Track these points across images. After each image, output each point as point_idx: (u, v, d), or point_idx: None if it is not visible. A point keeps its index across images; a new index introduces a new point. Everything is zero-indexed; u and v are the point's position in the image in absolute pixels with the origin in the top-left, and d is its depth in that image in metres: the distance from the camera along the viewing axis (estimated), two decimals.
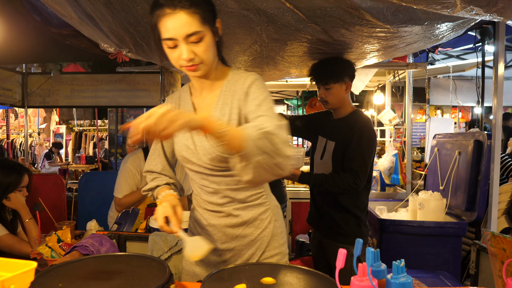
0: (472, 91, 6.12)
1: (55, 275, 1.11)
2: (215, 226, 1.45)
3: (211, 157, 1.33)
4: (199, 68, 1.28)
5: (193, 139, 1.37)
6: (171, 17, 1.18)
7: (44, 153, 9.87)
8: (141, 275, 1.09)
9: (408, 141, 4.34)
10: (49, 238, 1.94)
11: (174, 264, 1.78)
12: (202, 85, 1.41)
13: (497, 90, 2.66)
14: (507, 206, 3.59)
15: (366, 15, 1.68)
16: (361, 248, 0.87)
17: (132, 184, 2.61)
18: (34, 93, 5.11)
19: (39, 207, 2.29)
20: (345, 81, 2.26)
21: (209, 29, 1.24)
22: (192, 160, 1.38)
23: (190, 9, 1.18)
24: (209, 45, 1.25)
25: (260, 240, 1.46)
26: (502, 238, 1.02)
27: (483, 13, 1.54)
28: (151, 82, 4.95)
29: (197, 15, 1.19)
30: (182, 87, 1.55)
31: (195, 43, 1.22)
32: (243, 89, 1.35)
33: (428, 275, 2.52)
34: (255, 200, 1.45)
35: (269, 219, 1.48)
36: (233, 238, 1.45)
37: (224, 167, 1.34)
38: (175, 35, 1.20)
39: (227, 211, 1.43)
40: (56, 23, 2.74)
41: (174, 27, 1.18)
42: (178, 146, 1.42)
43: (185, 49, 1.21)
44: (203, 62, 1.26)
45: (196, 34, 1.20)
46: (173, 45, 1.22)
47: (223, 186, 1.40)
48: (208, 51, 1.26)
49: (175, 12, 1.17)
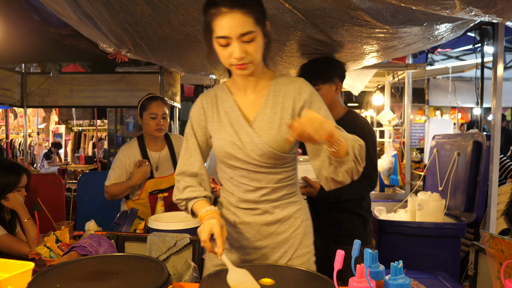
0: (471, 92, 6.13)
1: (53, 275, 1.11)
2: (249, 223, 1.47)
3: (261, 152, 1.36)
4: (248, 67, 1.32)
5: (239, 135, 1.40)
6: (227, 16, 1.23)
7: (43, 153, 9.86)
8: (139, 276, 1.09)
9: (407, 142, 4.34)
10: (48, 238, 1.94)
11: (173, 265, 1.78)
12: (248, 84, 1.45)
13: (496, 91, 2.66)
14: (506, 207, 3.59)
15: (365, 16, 1.68)
16: (359, 249, 0.87)
17: (120, 173, 2.59)
18: (33, 93, 5.10)
19: (38, 207, 2.29)
20: (334, 82, 2.20)
21: (260, 30, 1.30)
22: (238, 156, 1.40)
23: (245, 9, 1.23)
24: (259, 45, 1.30)
25: (294, 238, 1.47)
26: (501, 239, 1.02)
27: (482, 14, 1.54)
28: (150, 82, 4.94)
29: (252, 15, 1.24)
30: (217, 86, 1.56)
31: (247, 42, 1.27)
32: (298, 93, 1.41)
33: (426, 276, 2.52)
34: (290, 198, 1.48)
35: (302, 218, 1.51)
36: (266, 236, 1.47)
37: (271, 164, 1.39)
38: (229, 34, 1.24)
39: (263, 208, 1.45)
40: (55, 23, 2.74)
41: (229, 26, 1.23)
42: (221, 142, 1.43)
43: (237, 47, 1.26)
44: (252, 62, 1.31)
45: (250, 33, 1.25)
46: (225, 43, 1.27)
47: (264, 184, 1.43)
48: (258, 51, 1.31)
49: (231, 11, 1.23)
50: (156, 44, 2.31)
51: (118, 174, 2.59)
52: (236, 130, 1.41)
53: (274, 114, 1.40)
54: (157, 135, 2.59)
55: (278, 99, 1.42)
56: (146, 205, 2.61)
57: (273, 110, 1.40)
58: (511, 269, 0.98)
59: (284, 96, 1.42)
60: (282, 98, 1.42)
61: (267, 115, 1.40)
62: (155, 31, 2.06)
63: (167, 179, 2.63)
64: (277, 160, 1.39)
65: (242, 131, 1.40)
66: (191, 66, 2.93)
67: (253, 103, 1.44)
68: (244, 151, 1.38)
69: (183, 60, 2.73)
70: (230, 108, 1.45)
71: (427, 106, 6.51)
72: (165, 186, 2.63)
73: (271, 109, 1.41)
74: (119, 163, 2.61)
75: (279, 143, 1.37)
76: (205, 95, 1.53)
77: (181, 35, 2.10)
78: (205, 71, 3.11)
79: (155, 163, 2.63)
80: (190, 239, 1.72)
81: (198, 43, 2.20)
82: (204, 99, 1.51)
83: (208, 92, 1.55)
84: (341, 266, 0.83)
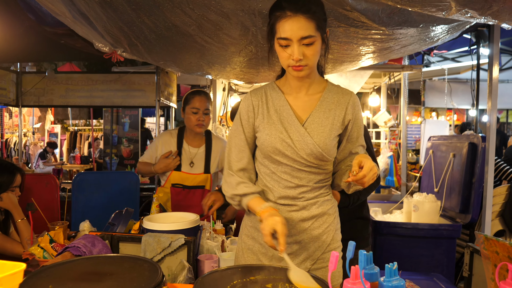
0: (467, 94, 6.15)
1: (45, 276, 1.10)
2: (286, 219, 1.50)
3: (310, 152, 1.43)
4: (304, 69, 1.39)
5: (289, 133, 1.46)
6: (291, 19, 1.31)
7: (38, 153, 9.80)
8: (132, 277, 1.08)
9: (403, 143, 4.35)
10: (42, 238, 1.92)
11: (168, 266, 1.77)
12: (301, 86, 1.51)
13: (492, 93, 2.67)
14: (501, 208, 3.60)
15: (361, 17, 1.68)
16: (353, 251, 0.86)
17: (151, 155, 2.64)
18: (29, 92, 5.08)
19: (32, 207, 2.27)
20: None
21: (320, 36, 1.37)
22: (286, 153, 1.46)
23: (308, 14, 1.31)
24: (317, 50, 1.37)
25: (327, 233, 1.54)
26: (495, 241, 1.02)
27: (478, 16, 1.54)
28: (146, 82, 4.93)
29: (314, 21, 1.32)
30: (266, 85, 1.60)
31: (307, 45, 1.34)
32: (351, 106, 1.51)
33: (422, 277, 2.52)
34: (325, 197, 1.55)
35: (335, 215, 1.59)
36: (301, 231, 1.52)
37: (316, 164, 1.47)
38: (291, 36, 1.32)
39: (301, 205, 1.51)
40: (51, 22, 2.73)
41: (292, 28, 1.32)
42: (271, 137, 1.47)
43: (297, 49, 1.33)
44: (308, 64, 1.38)
45: (310, 37, 1.33)
46: (285, 44, 1.35)
47: (305, 182, 1.49)
48: (316, 55, 1.38)
49: (295, 15, 1.31)
50: (152, 44, 2.30)
51: (149, 155, 2.63)
52: (286, 128, 1.47)
53: (326, 119, 1.47)
54: (197, 130, 2.53)
55: (331, 106, 1.49)
56: (168, 196, 2.58)
57: (325, 114, 1.48)
58: (505, 271, 0.98)
59: (337, 105, 1.50)
60: (334, 105, 1.50)
61: (320, 118, 1.47)
62: (150, 30, 2.05)
63: (193, 177, 2.56)
64: (321, 161, 1.46)
65: (293, 130, 1.46)
66: (187, 66, 2.92)
67: (305, 105, 1.51)
68: (294, 149, 1.45)
69: (179, 60, 2.72)
70: (281, 106, 1.51)
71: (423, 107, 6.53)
72: (190, 183, 2.56)
73: (323, 113, 1.48)
74: (153, 147, 2.64)
75: (328, 146, 1.45)
76: (254, 92, 1.59)
77: (177, 35, 2.10)
78: (201, 71, 3.10)
79: (190, 158, 2.59)
80: (185, 239, 1.71)
81: (194, 43, 2.19)
82: (253, 96, 1.56)
83: (257, 90, 1.60)
84: (335, 268, 0.82)
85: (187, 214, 2.15)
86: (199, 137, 2.62)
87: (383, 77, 5.24)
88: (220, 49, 2.28)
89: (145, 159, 2.64)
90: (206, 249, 2.02)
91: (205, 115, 2.50)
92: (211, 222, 2.15)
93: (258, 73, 2.92)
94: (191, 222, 1.90)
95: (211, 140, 2.64)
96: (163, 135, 2.66)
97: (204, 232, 2.04)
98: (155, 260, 1.70)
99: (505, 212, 3.59)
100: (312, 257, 1.52)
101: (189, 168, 2.57)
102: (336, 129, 1.48)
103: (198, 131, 2.55)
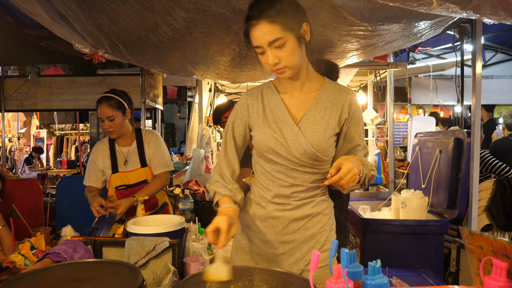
0: (452, 90, 6.20)
1: (21, 284, 1.06)
2: (279, 218, 1.52)
3: (304, 152, 1.42)
4: (285, 71, 1.39)
5: (283, 133, 1.46)
6: (256, 27, 1.32)
7: (24, 158, 9.66)
8: (111, 282, 1.05)
9: (390, 140, 4.36)
10: (22, 245, 1.88)
11: (153, 269, 1.73)
12: (294, 86, 1.50)
13: (476, 89, 2.68)
14: (488, 203, 3.63)
15: (343, 13, 1.67)
16: (336, 249, 0.84)
17: (91, 169, 2.64)
18: (11, 97, 5.00)
19: (14, 214, 2.22)
20: None
21: (292, 34, 1.33)
22: (280, 152, 1.45)
23: (271, 19, 1.30)
24: (292, 49, 1.35)
25: (321, 234, 1.53)
26: (479, 235, 1.01)
27: (459, 10, 1.54)
28: (132, 84, 4.88)
29: (278, 23, 1.30)
30: (263, 84, 1.60)
31: (279, 48, 1.33)
32: (348, 105, 1.49)
33: (411, 274, 2.52)
34: (321, 197, 1.54)
35: (330, 215, 1.57)
36: (295, 230, 1.52)
37: (310, 164, 1.45)
38: (260, 43, 1.34)
39: (294, 204, 1.50)
40: (30, 24, 2.67)
41: (259, 36, 1.33)
42: (265, 136, 1.47)
43: (270, 54, 1.34)
44: (288, 66, 1.37)
45: (278, 40, 1.31)
46: (261, 51, 1.37)
47: (299, 182, 1.48)
48: (292, 55, 1.36)
49: (259, 22, 1.31)
50: (133, 45, 2.27)
51: (89, 171, 2.63)
52: (280, 127, 1.47)
53: (321, 118, 1.46)
54: (112, 136, 2.58)
55: (327, 104, 1.48)
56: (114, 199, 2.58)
57: (320, 113, 1.47)
58: (490, 265, 0.97)
59: (334, 103, 1.48)
60: (331, 104, 1.48)
61: (314, 117, 1.46)
62: (131, 31, 2.02)
63: (134, 173, 2.59)
64: (316, 161, 1.45)
65: (287, 129, 1.46)
66: (170, 67, 2.89)
67: (300, 104, 1.50)
68: (287, 148, 1.44)
69: (161, 60, 2.68)
70: (276, 106, 1.51)
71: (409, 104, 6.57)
72: (134, 181, 2.58)
73: (319, 112, 1.47)
74: (91, 161, 2.65)
75: (322, 146, 1.43)
76: (250, 91, 1.60)
77: (159, 35, 2.06)
78: (185, 72, 3.06)
79: (124, 158, 2.62)
80: (169, 242, 1.68)
81: (176, 42, 2.16)
82: (249, 96, 1.57)
83: (253, 89, 1.60)
84: (317, 267, 0.80)
85: (172, 216, 2.12)
86: (127, 136, 2.64)
87: (369, 75, 5.26)
88: (202, 48, 2.25)
89: (88, 179, 2.64)
90: (192, 252, 1.99)
91: (111, 121, 2.49)
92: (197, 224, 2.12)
93: (242, 72, 2.89)
94: (176, 224, 1.87)
95: (142, 136, 2.67)
96: (96, 146, 2.69)
97: (190, 235, 2.01)
98: (140, 264, 1.67)
99: (492, 206, 3.62)
100: (306, 258, 1.51)
101: (124, 167, 2.60)
102: (332, 128, 1.46)
103: (113, 137, 2.59)
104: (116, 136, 2.56)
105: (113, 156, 2.59)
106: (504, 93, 7.41)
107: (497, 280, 0.94)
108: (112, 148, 2.62)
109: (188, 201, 2.56)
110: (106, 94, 2.55)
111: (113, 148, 2.62)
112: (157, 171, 2.64)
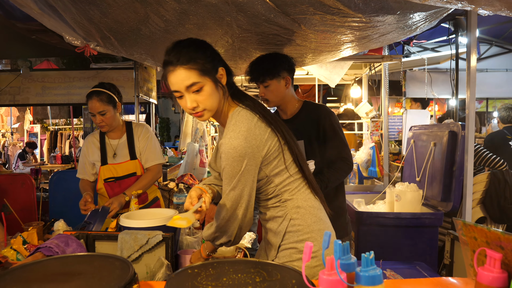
0: (447, 83, 6.19)
1: (11, 278, 1.04)
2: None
3: None
4: (204, 114, 1.46)
5: None
6: (173, 73, 1.39)
7: (17, 154, 9.60)
8: (102, 276, 1.04)
9: (385, 133, 4.36)
10: (14, 240, 1.86)
11: (146, 263, 1.72)
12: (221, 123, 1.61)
13: (470, 82, 2.66)
14: (482, 196, 3.64)
15: (337, 3, 1.65)
16: (329, 241, 0.83)
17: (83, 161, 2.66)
18: (3, 91, 4.94)
19: (7, 208, 2.20)
20: (282, 76, 2.23)
21: (208, 79, 1.41)
22: None
23: (187, 65, 1.37)
24: (209, 93, 1.42)
25: (279, 233, 1.59)
26: (473, 226, 1.00)
27: (453, 0, 1.52)
28: (125, 78, 4.84)
29: (194, 69, 1.37)
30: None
31: (197, 92, 1.40)
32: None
33: (405, 266, 2.52)
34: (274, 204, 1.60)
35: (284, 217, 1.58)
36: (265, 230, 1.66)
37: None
38: (178, 88, 1.40)
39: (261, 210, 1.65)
40: (20, 16, 2.63)
41: (176, 81, 1.39)
42: None
43: (188, 98, 1.41)
44: (206, 109, 1.44)
45: (195, 85, 1.38)
46: (179, 95, 1.43)
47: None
48: (210, 99, 1.43)
49: (176, 68, 1.38)
50: (125, 37, 2.24)
51: (81, 163, 2.65)
52: None
53: None
54: (103, 130, 2.58)
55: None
56: (104, 194, 2.60)
57: None
58: (484, 257, 0.96)
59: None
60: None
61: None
62: (122, 23, 1.99)
63: (122, 166, 2.59)
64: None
65: None
66: (163, 59, 2.85)
67: None
68: None
69: (154, 53, 2.65)
70: None
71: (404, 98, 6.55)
72: (122, 173, 2.58)
73: None
74: (83, 154, 2.66)
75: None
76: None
77: (151, 26, 2.03)
78: None
79: (113, 150, 2.62)
80: (163, 236, 1.67)
81: (169, 34, 2.13)
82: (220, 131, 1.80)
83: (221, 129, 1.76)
84: (309, 259, 0.79)
85: (165, 210, 2.11)
86: (118, 129, 2.64)
87: (364, 68, 5.24)
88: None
89: (82, 172, 2.66)
90: (186, 245, 1.98)
91: (102, 115, 2.48)
92: None
93: (236, 65, 2.87)
94: (169, 218, 1.85)
95: (132, 129, 2.68)
96: (86, 139, 2.70)
97: (183, 228, 2.00)
98: (133, 258, 1.66)
99: (486, 199, 3.63)
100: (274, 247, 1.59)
101: (112, 160, 2.60)
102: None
103: (104, 131, 2.60)
104: (107, 130, 2.56)
105: (103, 148, 2.60)
106: (498, 87, 7.43)
107: (491, 271, 0.93)
108: (102, 140, 2.62)
109: (183, 195, 2.54)
110: (95, 89, 2.52)
111: (103, 140, 2.62)
112: (148, 164, 2.63)
